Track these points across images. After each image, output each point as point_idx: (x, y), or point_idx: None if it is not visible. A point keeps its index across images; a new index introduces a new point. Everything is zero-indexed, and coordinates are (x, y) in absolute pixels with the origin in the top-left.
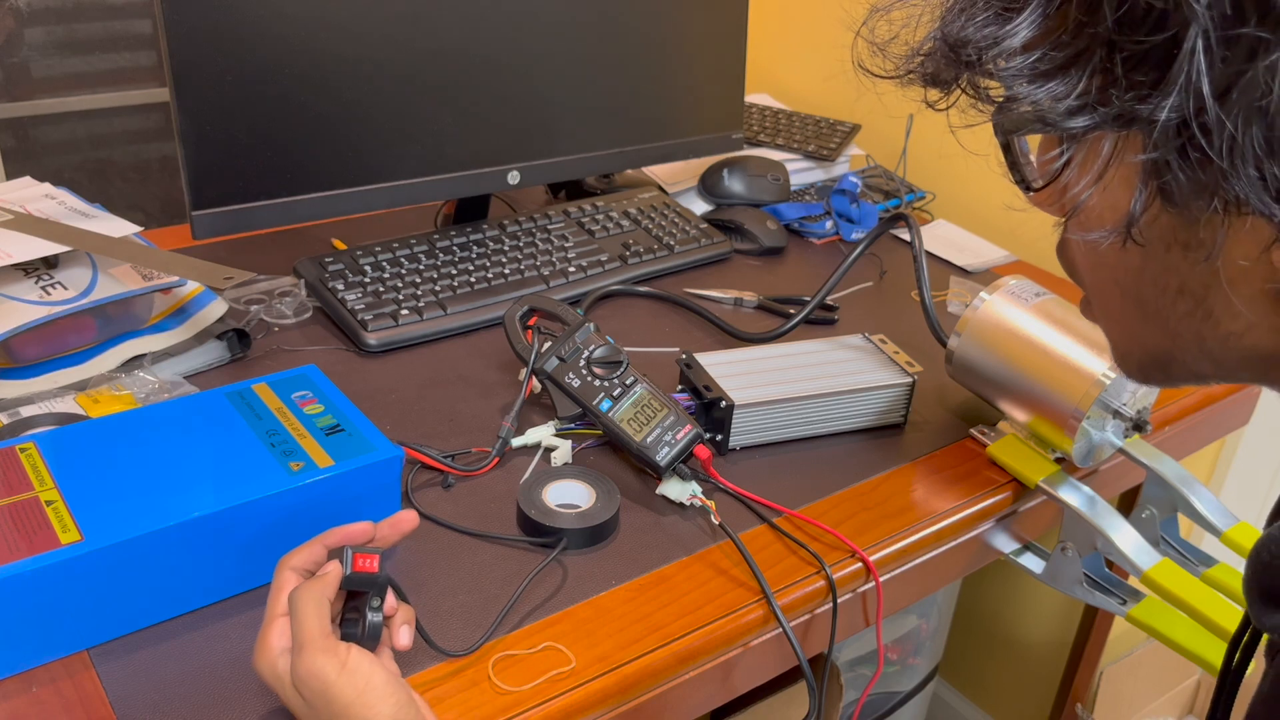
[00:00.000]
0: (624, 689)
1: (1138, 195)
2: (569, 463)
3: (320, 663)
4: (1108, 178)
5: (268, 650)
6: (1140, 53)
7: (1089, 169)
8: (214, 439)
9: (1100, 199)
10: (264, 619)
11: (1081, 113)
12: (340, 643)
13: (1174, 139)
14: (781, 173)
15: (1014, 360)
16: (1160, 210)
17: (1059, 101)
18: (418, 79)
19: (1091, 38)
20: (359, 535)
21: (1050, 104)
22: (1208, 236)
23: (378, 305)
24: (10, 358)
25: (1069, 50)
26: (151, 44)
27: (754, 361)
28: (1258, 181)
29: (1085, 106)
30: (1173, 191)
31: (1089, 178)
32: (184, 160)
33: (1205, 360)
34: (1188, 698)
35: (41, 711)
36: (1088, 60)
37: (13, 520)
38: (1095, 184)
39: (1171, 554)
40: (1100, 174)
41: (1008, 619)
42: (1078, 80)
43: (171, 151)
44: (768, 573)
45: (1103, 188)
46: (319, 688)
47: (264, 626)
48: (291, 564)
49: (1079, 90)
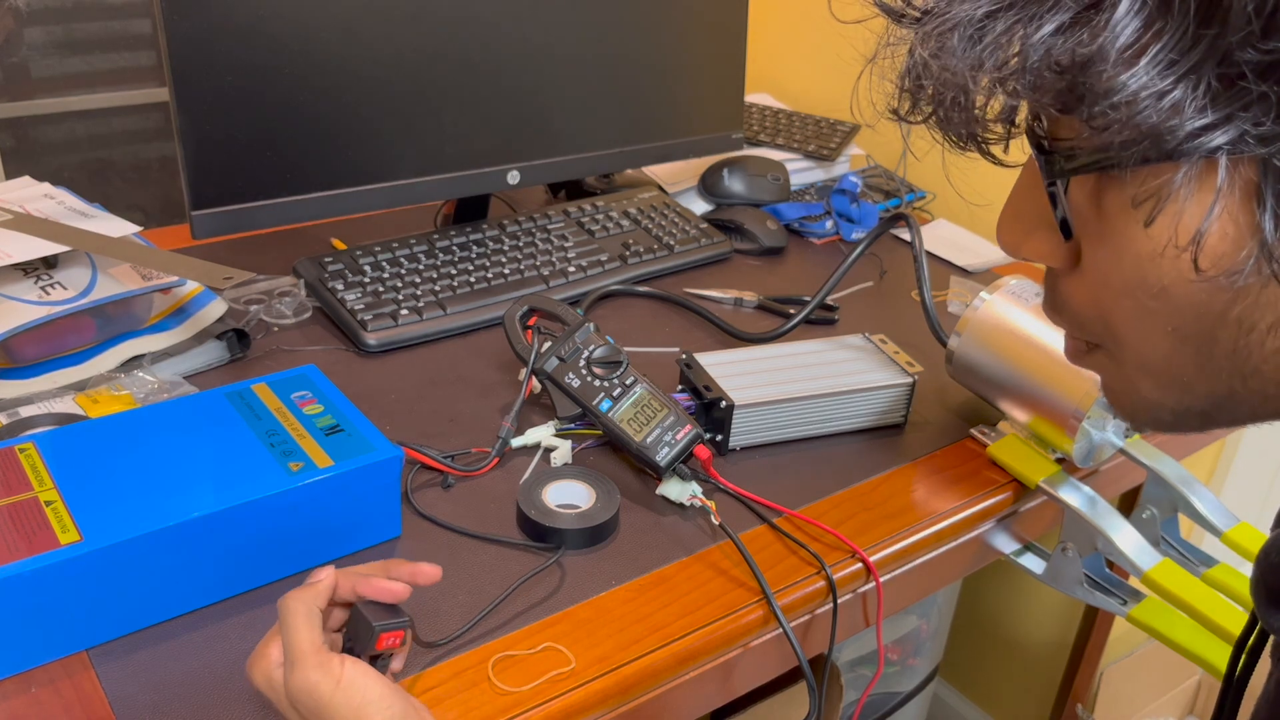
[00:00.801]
0: (624, 689)
1: (1268, 223)
2: (569, 463)
3: (315, 678)
4: (1224, 207)
5: (265, 660)
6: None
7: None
8: (213, 439)
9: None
10: (271, 630)
11: (1211, 130)
12: (334, 656)
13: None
14: (781, 172)
15: (1014, 360)
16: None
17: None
18: (417, 79)
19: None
20: (386, 594)
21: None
22: None
23: (377, 305)
24: (9, 358)
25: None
26: (151, 44)
27: (754, 361)
28: None
29: (1211, 124)
30: None
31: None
32: (183, 160)
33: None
34: (1188, 698)
35: (41, 712)
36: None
37: (12, 520)
38: (1209, 216)
39: (1172, 554)
40: (1210, 206)
41: (1008, 619)
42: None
43: (171, 151)
44: (768, 573)
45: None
46: (314, 705)
47: (268, 636)
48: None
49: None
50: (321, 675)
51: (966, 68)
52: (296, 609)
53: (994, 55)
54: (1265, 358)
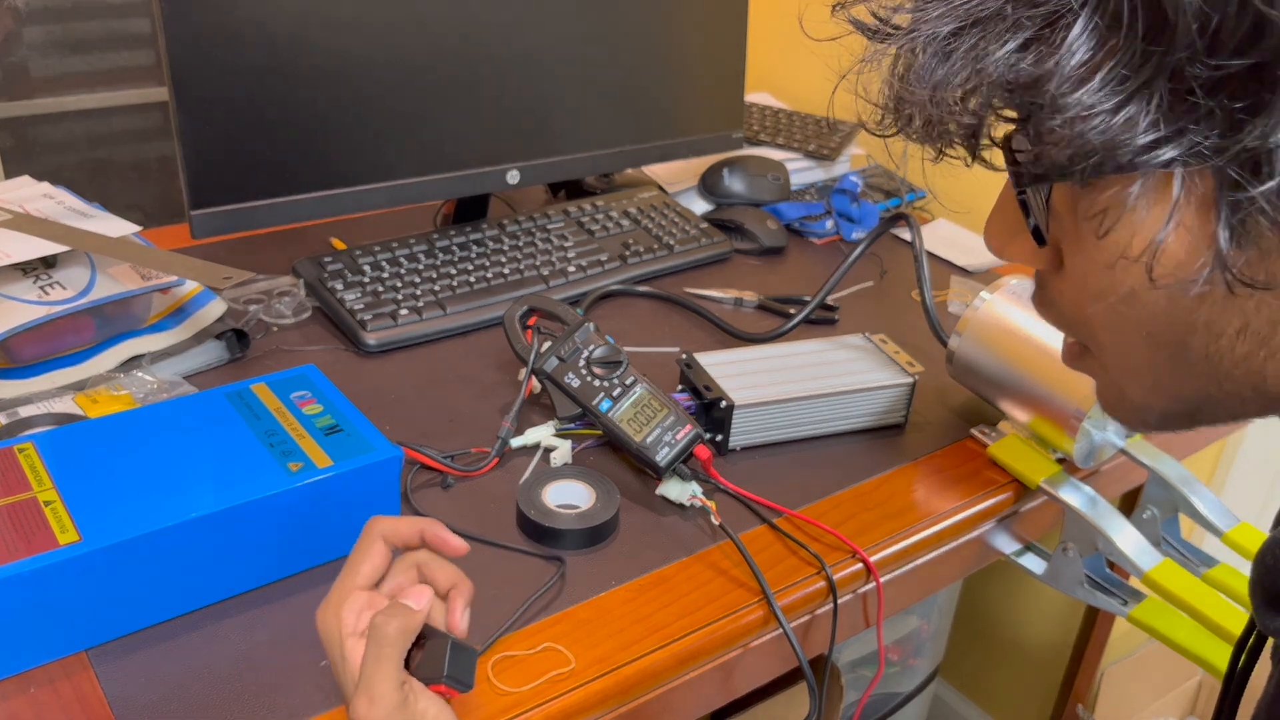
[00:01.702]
0: (624, 690)
1: (1222, 233)
2: (569, 463)
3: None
4: (1179, 218)
5: (339, 621)
6: (1222, 76)
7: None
8: (213, 439)
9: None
10: (342, 575)
11: (1163, 144)
12: (409, 691)
13: (1266, 168)
14: (782, 172)
15: (1015, 360)
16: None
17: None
18: (417, 78)
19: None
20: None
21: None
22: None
23: (377, 305)
24: (8, 358)
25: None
26: (150, 43)
27: (754, 361)
28: None
29: (1163, 138)
30: (1253, 226)
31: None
32: (183, 160)
33: (1255, 401)
34: (1189, 698)
35: (40, 712)
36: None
37: (11, 521)
38: (1165, 226)
39: (1173, 554)
40: (1168, 216)
41: (1009, 620)
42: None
43: (170, 151)
44: (768, 573)
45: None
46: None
47: (341, 587)
48: (382, 530)
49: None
50: (401, 716)
51: (933, 85)
52: (394, 640)
53: (960, 73)
54: (1236, 362)
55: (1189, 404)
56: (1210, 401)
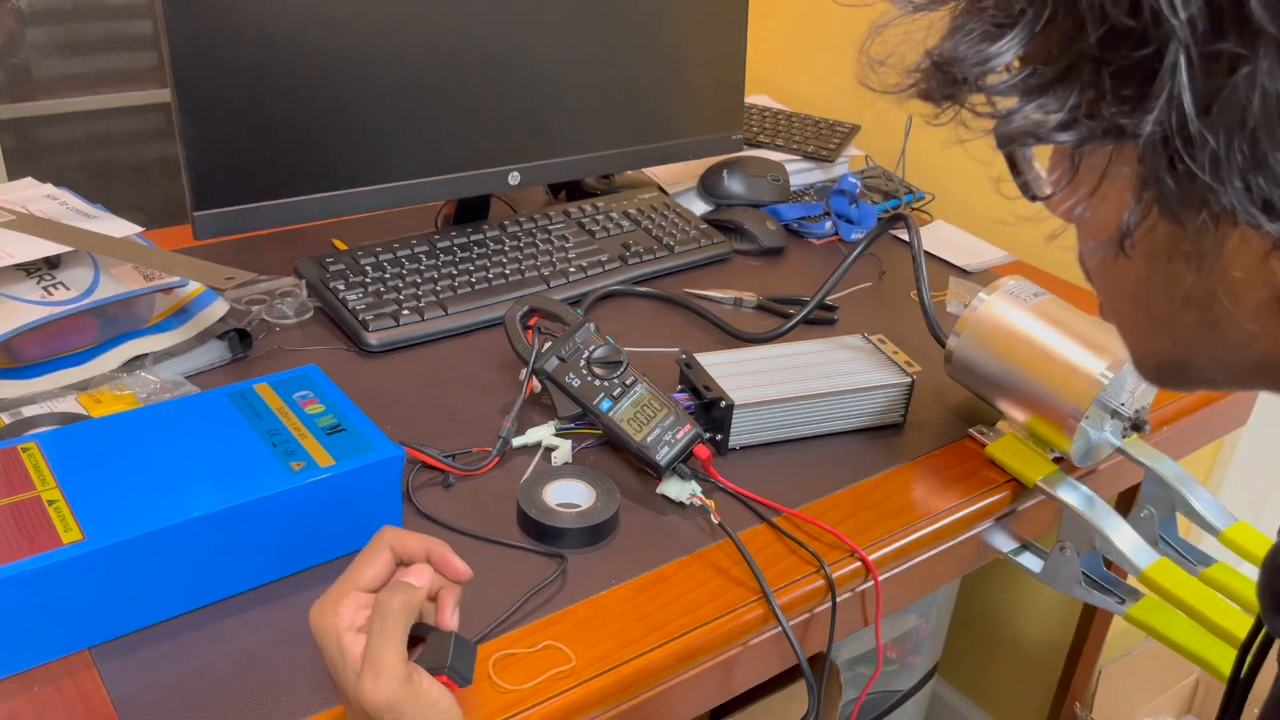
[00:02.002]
0: (624, 688)
1: (1131, 207)
2: (569, 462)
3: (401, 694)
4: (1104, 189)
5: (336, 617)
6: (1126, 68)
7: (1086, 181)
8: (215, 439)
9: (1100, 210)
10: (345, 575)
11: (1071, 127)
12: (414, 672)
13: (1161, 152)
14: (781, 173)
15: (1013, 360)
16: (1157, 221)
17: (1049, 115)
18: (418, 79)
19: (1079, 54)
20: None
21: (1041, 118)
22: (1207, 246)
23: (378, 305)
24: (12, 358)
25: (1058, 66)
26: (152, 45)
27: (754, 361)
28: (1244, 193)
29: (1075, 121)
30: (1165, 203)
31: (1084, 190)
32: (185, 161)
33: (1218, 368)
34: (1186, 697)
35: (43, 711)
36: (1076, 76)
37: (14, 520)
38: (1090, 196)
39: (1170, 553)
40: (1095, 186)
41: (1006, 618)
42: (1068, 95)
43: (173, 152)
44: (767, 572)
45: (1100, 199)
46: (393, 717)
47: (342, 585)
48: (391, 540)
49: (1070, 104)
50: (408, 691)
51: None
52: (398, 614)
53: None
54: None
55: (1169, 362)
56: (1184, 364)
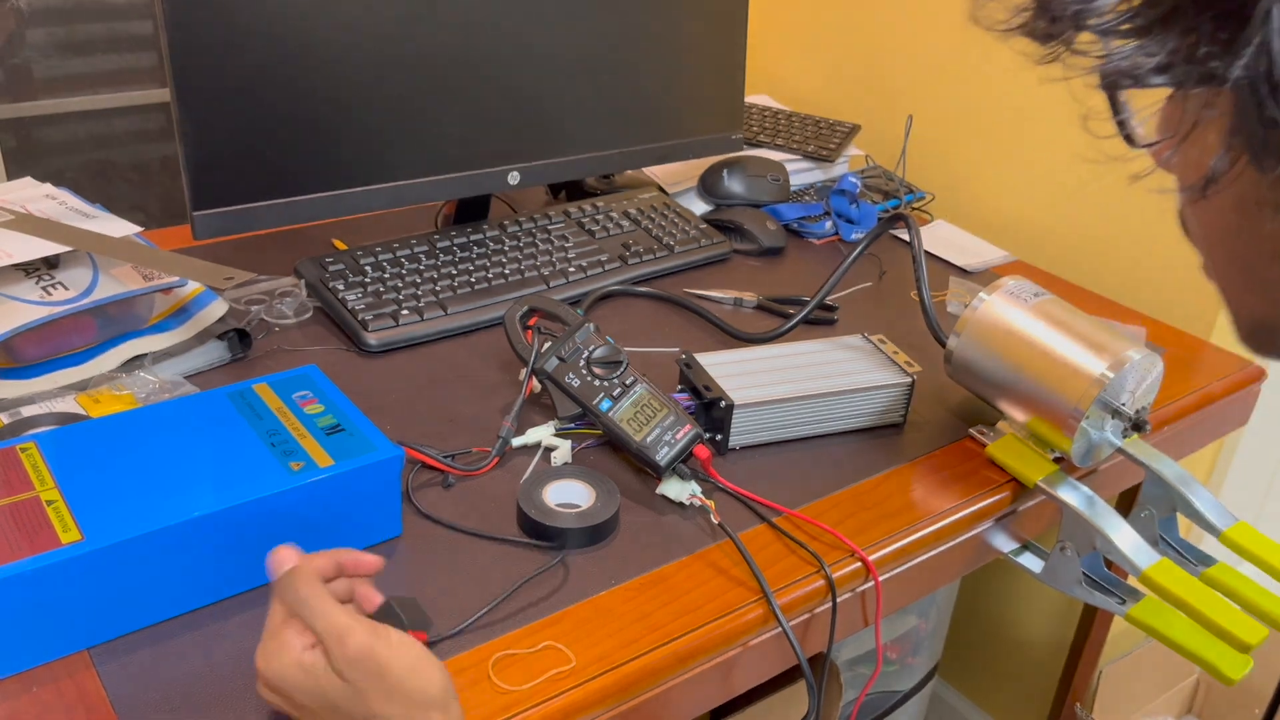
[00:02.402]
0: (624, 688)
1: (1219, 155)
2: (569, 463)
3: (369, 642)
4: (1196, 135)
5: (289, 648)
6: (1223, 13)
7: (1180, 126)
8: (215, 439)
9: (1190, 155)
10: (271, 621)
11: (1167, 70)
12: (377, 627)
13: (1250, 99)
14: (781, 173)
15: (1013, 360)
16: (1244, 168)
17: (1149, 58)
18: (418, 79)
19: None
20: (366, 567)
21: (1140, 60)
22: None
23: (378, 305)
24: (11, 358)
25: (1160, 9)
26: (152, 45)
27: (754, 361)
28: None
29: (1172, 65)
30: (1253, 150)
31: (1178, 135)
32: (185, 160)
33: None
34: (1186, 697)
35: (42, 711)
36: (1176, 20)
37: (13, 520)
38: (1183, 140)
39: (1170, 553)
40: (1189, 131)
41: (1007, 618)
42: (1167, 39)
43: (172, 152)
44: (767, 572)
45: (1192, 144)
46: (374, 668)
47: (277, 627)
48: (311, 568)
49: (1169, 48)
50: (375, 638)
51: None
52: (314, 589)
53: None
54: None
55: (1260, 322)
56: (1274, 326)
